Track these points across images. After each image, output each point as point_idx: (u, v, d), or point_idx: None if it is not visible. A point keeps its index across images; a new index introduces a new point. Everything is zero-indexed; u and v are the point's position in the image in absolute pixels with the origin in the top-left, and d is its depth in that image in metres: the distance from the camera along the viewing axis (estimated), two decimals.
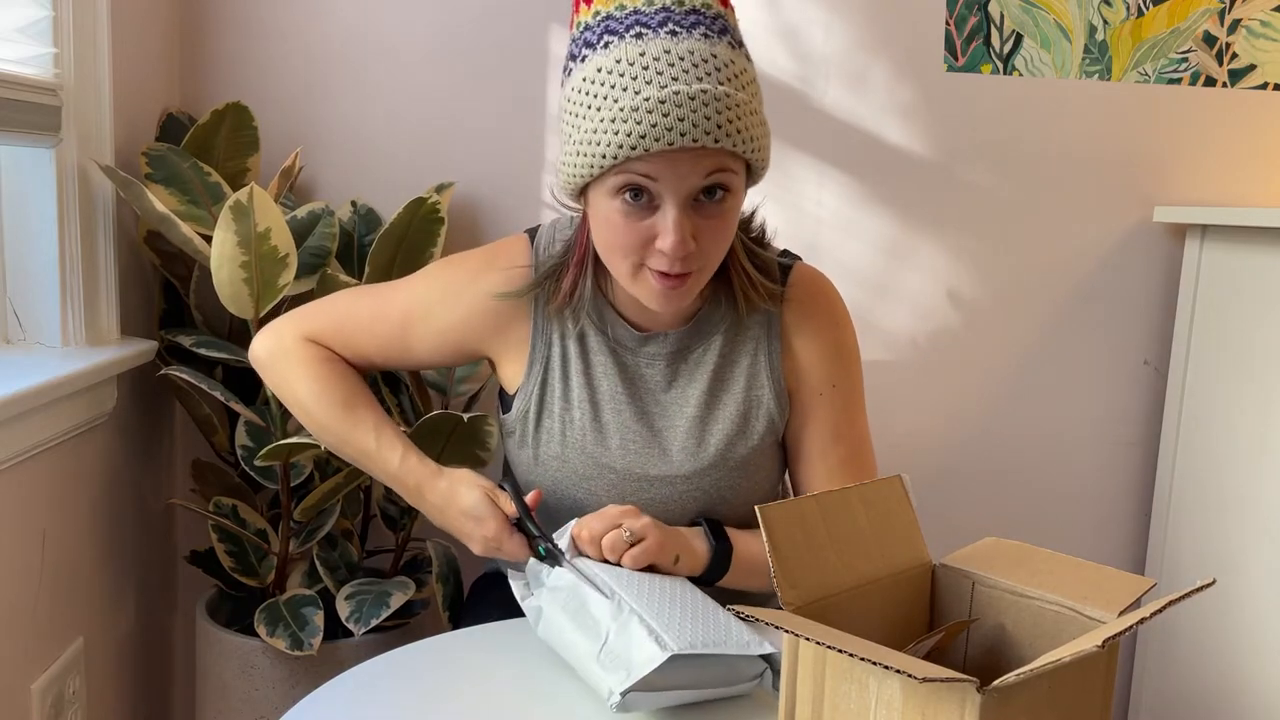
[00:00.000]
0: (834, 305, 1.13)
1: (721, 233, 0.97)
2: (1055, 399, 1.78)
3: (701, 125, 0.89)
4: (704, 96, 0.89)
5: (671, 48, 0.90)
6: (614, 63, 0.90)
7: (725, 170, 0.93)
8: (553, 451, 1.09)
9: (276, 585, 1.41)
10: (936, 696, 0.59)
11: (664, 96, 0.88)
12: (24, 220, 1.24)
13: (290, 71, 1.60)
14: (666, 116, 0.88)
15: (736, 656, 0.86)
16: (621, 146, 0.90)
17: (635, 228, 0.94)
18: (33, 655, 1.18)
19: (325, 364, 1.12)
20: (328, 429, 1.11)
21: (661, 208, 0.93)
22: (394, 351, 1.14)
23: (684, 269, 0.96)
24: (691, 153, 0.90)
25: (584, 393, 1.08)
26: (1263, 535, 1.55)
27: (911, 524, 0.80)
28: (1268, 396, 1.54)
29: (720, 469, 1.08)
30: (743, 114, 0.91)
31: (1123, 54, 1.70)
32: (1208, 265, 1.67)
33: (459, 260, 1.14)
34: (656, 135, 0.89)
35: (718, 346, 1.09)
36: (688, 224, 0.94)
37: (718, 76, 0.90)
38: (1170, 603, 0.61)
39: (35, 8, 1.19)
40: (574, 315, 1.07)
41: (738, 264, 1.06)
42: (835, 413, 1.11)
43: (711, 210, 0.95)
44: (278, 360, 1.13)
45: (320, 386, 1.11)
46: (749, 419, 1.09)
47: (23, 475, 1.13)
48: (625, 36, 0.91)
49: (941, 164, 1.71)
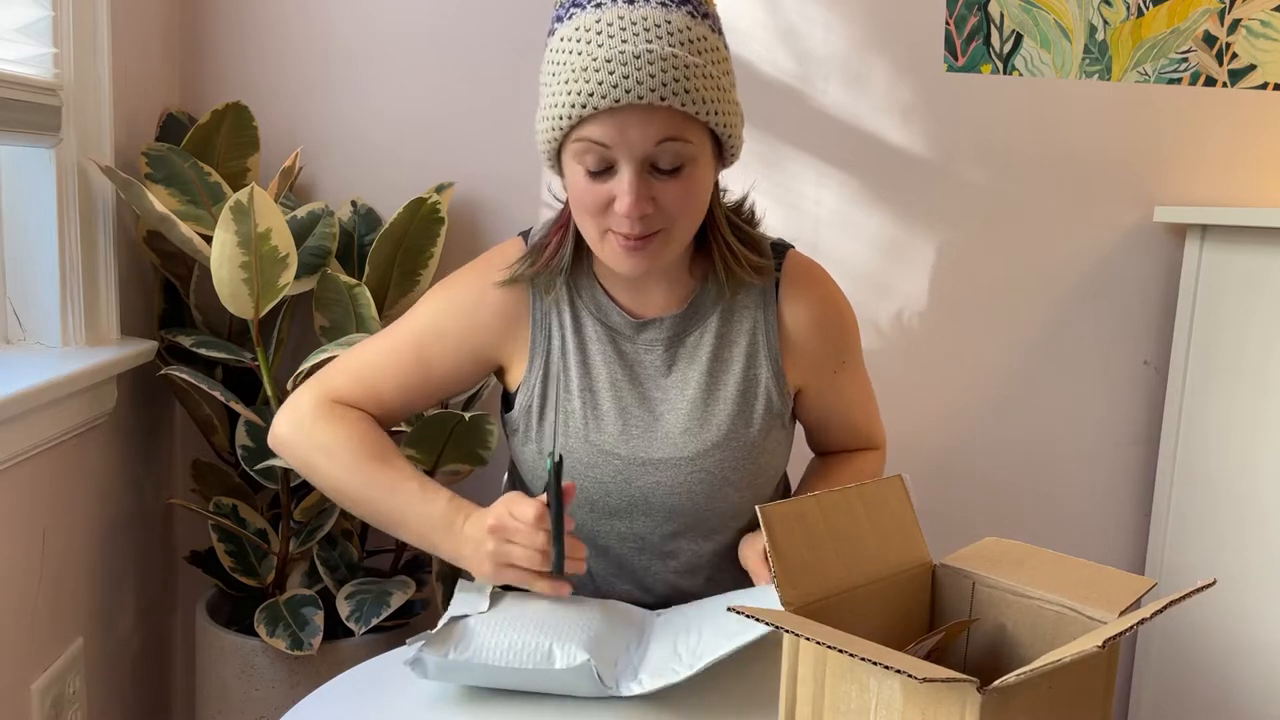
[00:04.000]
0: (830, 287, 1.15)
1: (685, 198, 0.99)
2: (1055, 399, 1.78)
3: (646, 83, 0.91)
4: (649, 55, 0.91)
5: (626, 14, 0.93)
6: (573, 30, 0.95)
7: (679, 139, 0.95)
8: (556, 443, 1.09)
9: (276, 585, 1.41)
10: (937, 696, 0.59)
11: (610, 55, 0.92)
12: (24, 220, 1.24)
13: (290, 71, 1.60)
14: (612, 74, 0.91)
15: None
16: (573, 106, 0.93)
17: (596, 191, 0.98)
18: (33, 655, 1.18)
19: (353, 420, 1.08)
20: (359, 486, 1.06)
21: (619, 171, 0.96)
22: (415, 381, 1.11)
23: (644, 230, 0.98)
24: (640, 113, 0.93)
25: (583, 381, 1.09)
26: (1262, 535, 1.55)
27: (912, 524, 0.80)
28: (1267, 396, 1.54)
29: (723, 450, 1.08)
30: (693, 75, 0.93)
31: (1123, 54, 1.70)
32: (1208, 265, 1.67)
33: (457, 276, 1.14)
34: (603, 93, 0.92)
35: (714, 328, 1.10)
36: (644, 186, 0.96)
37: (669, 40, 0.93)
38: (1170, 603, 0.61)
39: (35, 8, 1.19)
40: (559, 273, 1.08)
41: (719, 237, 1.07)
42: (848, 387, 1.17)
43: (671, 176, 0.97)
44: (302, 428, 1.08)
45: (349, 435, 1.06)
46: (749, 398, 1.10)
47: (23, 475, 1.13)
48: (587, 7, 0.95)
49: (941, 163, 1.71)
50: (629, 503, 1.09)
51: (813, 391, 1.15)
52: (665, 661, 0.91)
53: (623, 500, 1.09)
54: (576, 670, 0.87)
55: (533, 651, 0.88)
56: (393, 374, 1.11)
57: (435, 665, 0.88)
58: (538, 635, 0.90)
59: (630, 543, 1.11)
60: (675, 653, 0.92)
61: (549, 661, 0.88)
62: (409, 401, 1.13)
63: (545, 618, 0.93)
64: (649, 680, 0.88)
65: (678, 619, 1.00)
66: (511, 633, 0.90)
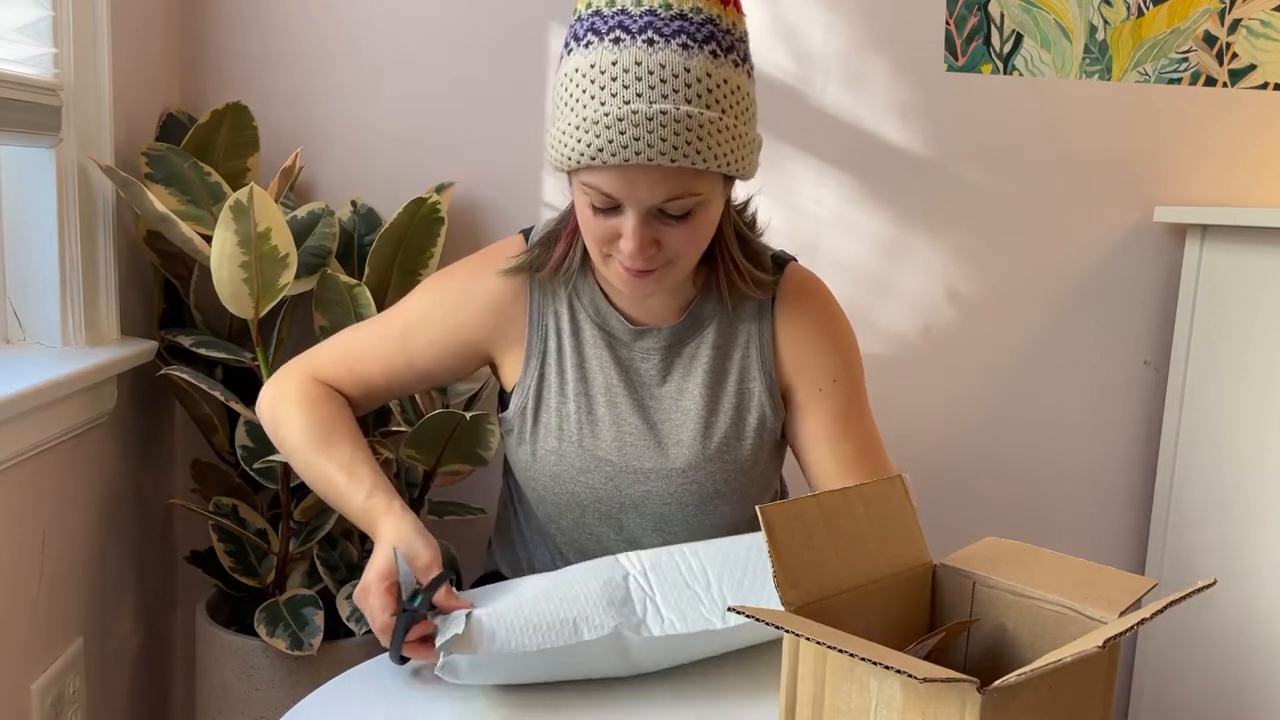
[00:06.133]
0: (828, 303, 1.14)
1: (690, 238, 0.98)
2: (1055, 399, 1.78)
3: (657, 146, 0.89)
4: (662, 118, 0.88)
5: (644, 59, 0.89)
6: (589, 67, 0.91)
7: (689, 195, 0.93)
8: (549, 446, 1.09)
9: (276, 585, 1.41)
10: (937, 697, 0.59)
11: (623, 114, 0.89)
12: (24, 220, 1.24)
13: (290, 71, 1.60)
14: (623, 135, 0.89)
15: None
16: (583, 155, 0.91)
17: (602, 224, 0.97)
18: (33, 655, 1.18)
19: (319, 401, 1.08)
20: (307, 463, 1.06)
21: (625, 212, 0.95)
22: (398, 367, 1.11)
23: (646, 267, 0.97)
24: (650, 171, 0.91)
25: (579, 386, 1.09)
26: (1263, 535, 1.55)
27: (912, 524, 0.80)
28: (1268, 396, 1.54)
29: (715, 462, 1.08)
30: (708, 132, 0.90)
31: (1123, 54, 1.70)
32: (1208, 265, 1.67)
33: (454, 268, 1.14)
34: (612, 151, 0.90)
35: (711, 339, 1.09)
36: (647, 232, 0.95)
37: (685, 94, 0.89)
38: (1171, 603, 0.61)
39: (35, 8, 1.19)
40: (565, 282, 1.08)
41: (726, 252, 1.06)
42: (839, 408, 1.10)
43: (679, 220, 0.96)
44: (278, 404, 1.09)
45: (306, 419, 1.06)
46: (742, 412, 1.09)
47: (23, 475, 1.13)
48: (605, 39, 0.91)
49: (941, 163, 1.71)
50: (619, 508, 1.09)
51: (795, 408, 1.11)
52: (690, 604, 0.91)
53: (612, 506, 1.09)
54: (606, 641, 0.87)
55: (560, 628, 0.88)
56: (376, 358, 1.12)
57: (468, 664, 0.87)
58: (558, 609, 0.89)
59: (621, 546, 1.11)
60: (691, 590, 0.92)
61: (576, 634, 0.87)
62: (394, 385, 1.13)
63: (551, 593, 0.91)
64: (680, 623, 0.89)
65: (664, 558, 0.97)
66: (529, 614, 0.89)
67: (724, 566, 0.95)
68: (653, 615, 0.90)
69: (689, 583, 0.94)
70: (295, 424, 1.07)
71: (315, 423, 1.06)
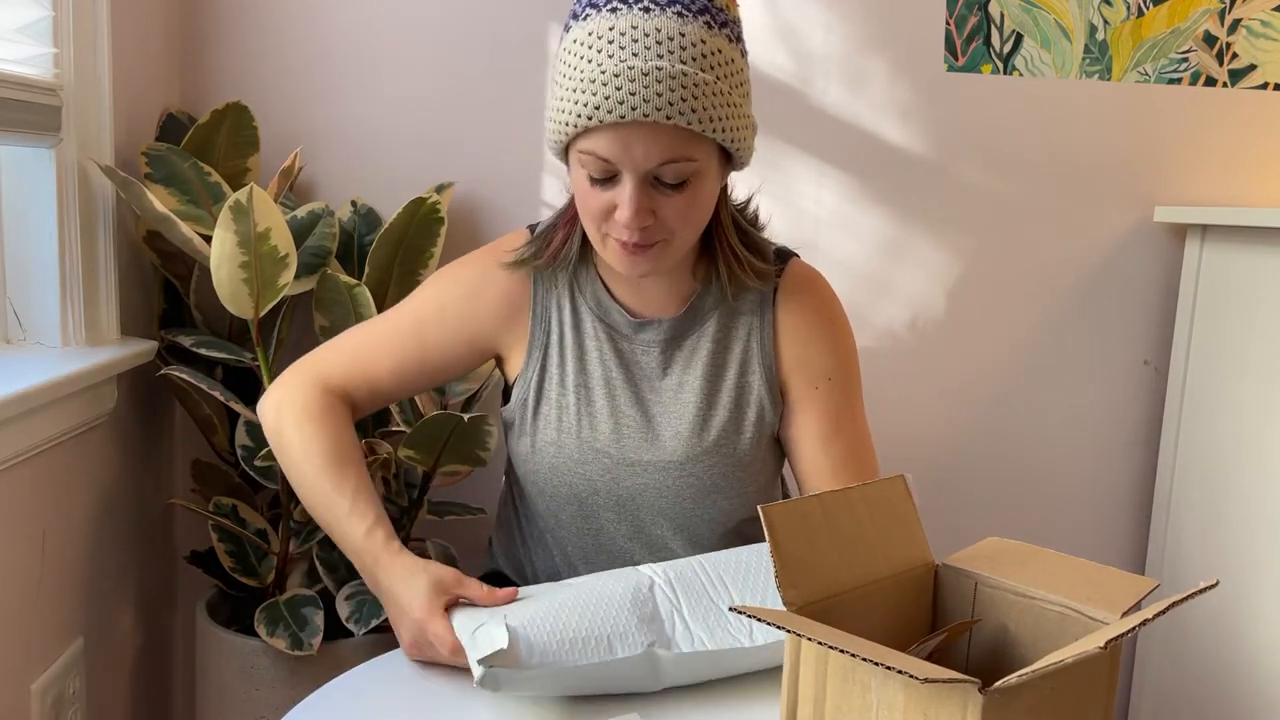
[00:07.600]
0: (829, 300, 1.14)
1: (687, 211, 0.98)
2: (1055, 399, 1.78)
3: (653, 101, 0.90)
4: (657, 73, 0.90)
5: (641, 23, 0.91)
6: (586, 34, 0.93)
7: (684, 159, 0.94)
8: (548, 438, 1.09)
9: (276, 585, 1.41)
10: (938, 697, 0.59)
11: (618, 70, 0.90)
12: (24, 220, 1.24)
13: (290, 71, 1.59)
14: (619, 90, 0.90)
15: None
16: (578, 117, 0.92)
17: (599, 197, 0.97)
18: (33, 655, 1.17)
19: (326, 414, 1.06)
20: (308, 480, 1.04)
21: (622, 180, 0.95)
22: (411, 362, 1.10)
23: (644, 240, 0.98)
24: (646, 129, 0.92)
25: (579, 378, 1.09)
26: (1263, 535, 1.55)
27: (914, 524, 0.80)
28: (1268, 396, 1.54)
29: (713, 456, 1.08)
30: (702, 93, 0.92)
31: (1123, 54, 1.70)
32: (1208, 265, 1.67)
33: (462, 261, 1.15)
34: (608, 108, 0.91)
35: (711, 332, 1.10)
36: (645, 199, 0.96)
37: (680, 55, 0.91)
38: (1173, 604, 0.61)
39: (35, 8, 1.19)
40: (564, 270, 1.09)
41: (725, 242, 1.07)
42: (832, 407, 1.10)
43: (675, 190, 0.96)
44: (283, 412, 1.07)
45: (313, 434, 1.04)
46: (741, 406, 1.09)
47: (23, 475, 1.13)
48: (602, 10, 0.94)
49: (941, 163, 1.71)
50: (616, 501, 1.09)
51: (790, 404, 1.11)
52: (718, 619, 0.91)
53: (610, 498, 1.09)
54: (638, 659, 0.87)
55: (595, 645, 0.87)
56: (389, 353, 1.11)
57: (507, 677, 0.85)
58: (592, 624, 0.88)
59: (620, 540, 1.11)
60: (718, 607, 0.92)
61: (611, 652, 0.87)
62: (402, 383, 1.12)
63: (583, 608, 0.90)
64: (709, 640, 0.89)
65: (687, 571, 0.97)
66: (564, 628, 0.88)
67: (744, 584, 0.95)
68: (681, 631, 0.89)
69: (714, 599, 0.93)
70: (300, 437, 1.05)
71: (321, 440, 1.05)
